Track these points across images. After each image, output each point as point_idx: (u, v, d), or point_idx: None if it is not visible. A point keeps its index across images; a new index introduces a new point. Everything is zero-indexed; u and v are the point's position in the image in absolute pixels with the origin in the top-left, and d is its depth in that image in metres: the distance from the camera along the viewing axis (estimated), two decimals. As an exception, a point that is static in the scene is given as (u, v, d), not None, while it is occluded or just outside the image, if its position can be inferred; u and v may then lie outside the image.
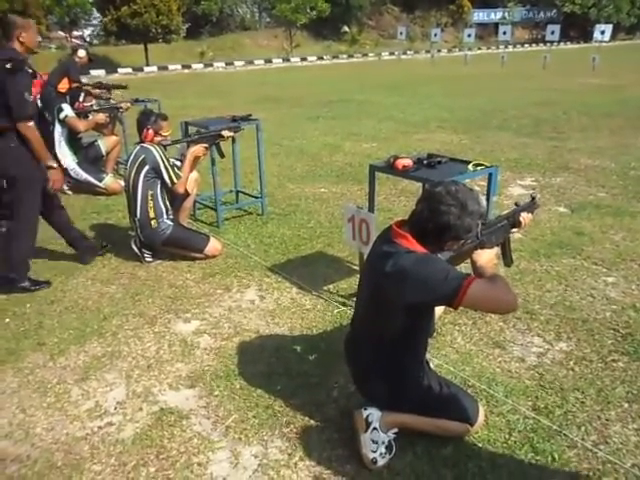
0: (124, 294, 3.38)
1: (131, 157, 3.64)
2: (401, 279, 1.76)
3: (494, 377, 2.48)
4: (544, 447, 2.07)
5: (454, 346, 2.74)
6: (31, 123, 3.09)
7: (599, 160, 6.38)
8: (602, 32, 20.44)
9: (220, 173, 5.42)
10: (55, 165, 3.33)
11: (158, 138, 3.64)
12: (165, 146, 3.67)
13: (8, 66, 2.93)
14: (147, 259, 3.77)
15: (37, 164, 3.20)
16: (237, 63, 25.75)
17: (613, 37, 25.18)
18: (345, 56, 30.11)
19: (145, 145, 3.60)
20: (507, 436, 2.13)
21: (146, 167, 3.53)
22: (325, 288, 3.38)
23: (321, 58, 28.71)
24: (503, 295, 1.78)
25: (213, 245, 3.81)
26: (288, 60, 27.64)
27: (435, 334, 2.74)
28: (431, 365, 2.43)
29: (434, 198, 1.81)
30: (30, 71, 3.10)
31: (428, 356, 2.55)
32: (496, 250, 2.04)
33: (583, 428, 2.17)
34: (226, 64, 25.40)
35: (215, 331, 2.96)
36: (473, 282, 1.71)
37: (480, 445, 2.08)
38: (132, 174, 3.59)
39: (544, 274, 3.52)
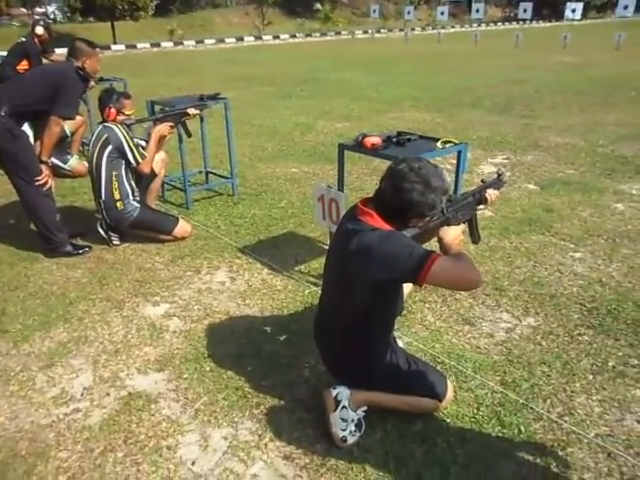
0: (91, 278, 3.30)
1: (93, 137, 3.53)
2: (365, 256, 1.74)
3: (463, 353, 2.51)
4: (511, 420, 2.10)
5: (424, 323, 2.75)
6: (63, 122, 3.37)
7: (568, 138, 6.45)
8: (573, 10, 20.54)
9: (190, 153, 5.34)
10: (49, 163, 3.42)
11: (121, 117, 3.53)
12: (129, 125, 3.56)
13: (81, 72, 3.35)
14: (114, 242, 3.69)
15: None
16: (208, 41, 25.17)
17: (584, 15, 25.37)
18: (318, 34, 29.69)
19: (108, 124, 3.49)
20: (475, 411, 2.15)
21: (109, 147, 3.43)
22: (296, 268, 3.36)
23: (294, 36, 28.26)
24: (467, 273, 1.77)
25: (182, 227, 3.74)
26: (260, 38, 27.13)
27: (405, 312, 2.75)
28: (401, 343, 2.45)
29: (397, 175, 1.79)
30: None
31: (398, 334, 2.57)
32: (462, 227, 2.04)
33: (549, 401, 2.21)
34: (196, 42, 24.81)
35: (185, 314, 2.92)
36: (437, 259, 1.71)
37: (449, 420, 2.10)
38: (95, 154, 3.48)
39: (513, 251, 3.56)
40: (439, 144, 2.73)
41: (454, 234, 1.93)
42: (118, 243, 3.70)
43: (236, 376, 2.40)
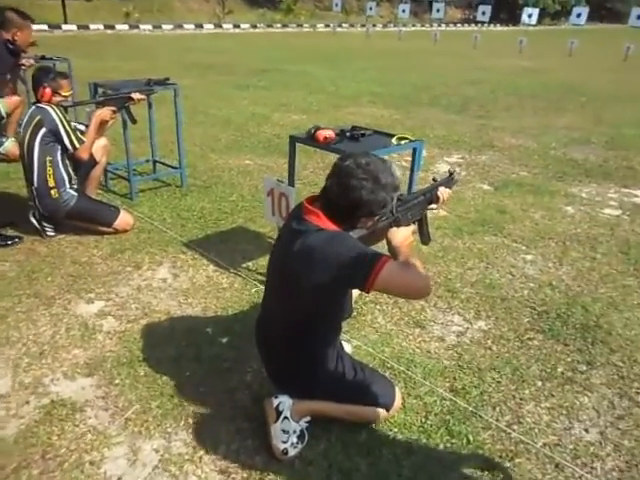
0: (19, 272, 3.04)
1: (26, 118, 3.25)
2: (308, 259, 1.62)
3: (413, 358, 2.42)
4: (460, 429, 2.02)
5: (374, 326, 2.66)
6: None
7: (522, 139, 6.52)
8: (529, 15, 20.99)
9: (138, 141, 5.08)
10: None
11: (57, 98, 3.26)
12: (65, 107, 3.30)
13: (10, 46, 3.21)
14: (48, 233, 3.43)
15: None
16: (165, 27, 24.39)
17: (540, 21, 25.97)
18: (279, 25, 29.29)
19: (42, 105, 3.22)
20: (423, 419, 2.07)
21: (43, 130, 3.16)
22: (244, 265, 3.20)
23: (255, 26, 27.77)
24: (416, 280, 1.66)
25: (124, 218, 3.52)
26: (220, 26, 26.52)
27: (354, 313, 2.65)
28: (348, 348, 2.34)
29: (344, 172, 1.66)
30: None
31: (346, 337, 2.47)
32: (412, 228, 1.93)
33: (498, 408, 2.15)
34: (153, 27, 23.99)
35: (121, 313, 2.72)
36: (386, 264, 1.59)
37: (396, 430, 2.01)
38: (27, 137, 3.21)
39: (466, 252, 3.51)
40: (394, 140, 2.63)
41: (403, 235, 1.82)
42: (52, 234, 3.44)
43: (172, 382, 2.23)
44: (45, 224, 3.40)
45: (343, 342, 2.37)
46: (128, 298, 2.85)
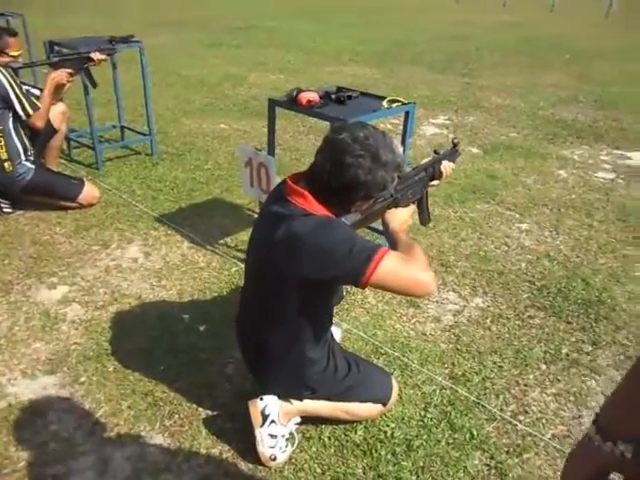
0: (-28, 254, 2.76)
1: (-31, 82, 2.89)
2: (294, 250, 1.39)
3: (408, 342, 2.25)
4: (462, 422, 1.86)
5: (365, 307, 2.47)
6: None
7: (509, 99, 6.27)
8: (511, -32, 20.33)
9: (105, 105, 4.71)
10: None
11: (4, 59, 2.89)
12: (15, 69, 2.94)
13: None
14: (5, 209, 3.12)
15: None
16: (132, -20, 23.10)
17: (520, -26, 25.26)
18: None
19: (-13, 67, 2.87)
20: (423, 412, 1.90)
21: (-11, 95, 2.82)
22: (222, 241, 2.96)
23: (227, -20, 26.52)
24: (419, 275, 1.41)
25: (88, 192, 3.22)
26: (190, -20, 25.24)
27: (344, 293, 2.44)
28: (338, 334, 2.15)
29: (337, 148, 1.40)
30: None
31: (335, 320, 2.27)
32: (412, 208, 1.70)
33: (502, 397, 1.99)
34: (119, -19, 22.70)
35: (87, 298, 2.47)
36: (385, 257, 1.36)
37: (394, 425, 1.84)
38: (-28, 104, 2.86)
39: (458, 221, 3.32)
40: (385, 103, 2.37)
41: (402, 217, 1.60)
42: (10, 211, 3.14)
43: (145, 378, 2.02)
44: (0, 200, 3.09)
45: (333, 328, 2.19)
46: (95, 281, 2.60)
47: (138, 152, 4.18)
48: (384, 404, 1.79)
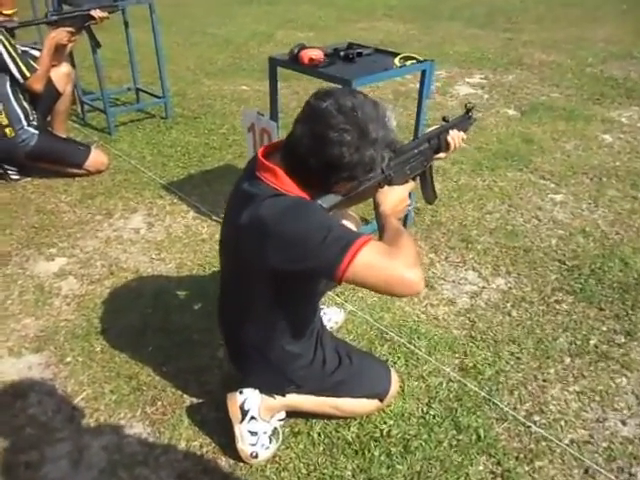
0: (-26, 223, 2.71)
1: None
2: (260, 236, 1.20)
3: (417, 327, 2.05)
4: (469, 422, 1.68)
5: (374, 286, 2.27)
6: None
7: (555, 55, 5.77)
8: None
9: (125, 66, 4.55)
10: None
11: (-1, 18, 2.77)
12: (11, 30, 2.79)
13: None
14: (12, 176, 3.05)
15: None
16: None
17: None
18: None
19: (-19, 27, 2.73)
20: (426, 408, 1.73)
21: (-17, 57, 2.70)
22: (228, 212, 2.80)
23: None
24: (404, 271, 1.17)
25: (96, 158, 3.11)
26: None
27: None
28: (341, 316, 1.99)
29: (320, 118, 1.18)
30: None
31: (341, 300, 2.11)
32: (411, 186, 1.47)
33: (516, 393, 1.79)
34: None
35: (83, 271, 2.38)
36: (364, 247, 1.15)
37: (391, 422, 1.67)
38: (-32, 67, 2.75)
39: (486, 191, 3.05)
40: (397, 61, 2.11)
41: (398, 197, 1.37)
42: (17, 177, 3.07)
43: (132, 359, 1.91)
44: (7, 167, 3.02)
45: (334, 309, 2.03)
46: (94, 253, 2.50)
47: (153, 115, 4.03)
48: (381, 399, 1.63)
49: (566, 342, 1.99)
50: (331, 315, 1.99)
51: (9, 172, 3.04)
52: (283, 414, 1.59)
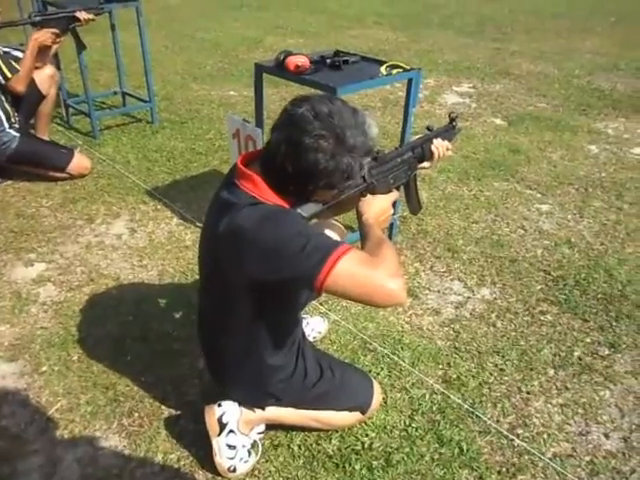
0: (-48, 227, 2.65)
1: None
2: (238, 245, 1.17)
3: (401, 337, 2.03)
4: (451, 435, 1.66)
5: (358, 295, 2.25)
6: None
7: (542, 65, 5.82)
8: None
9: (114, 69, 4.51)
10: None
11: (-19, 18, 2.72)
12: (-7, 30, 2.76)
13: None
14: (-7, 179, 3.00)
15: None
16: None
17: None
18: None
19: (-38, 27, 2.69)
20: (408, 421, 1.70)
21: (-37, 58, 2.66)
22: (212, 219, 2.77)
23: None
24: (386, 281, 1.15)
25: (78, 162, 3.06)
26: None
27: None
28: (324, 325, 1.96)
29: (295, 125, 1.16)
30: None
31: (324, 309, 2.08)
32: (394, 196, 1.46)
33: (499, 406, 1.77)
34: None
35: (63, 278, 2.33)
36: (344, 257, 1.13)
37: (373, 435, 1.65)
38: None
39: (472, 201, 3.04)
40: (383, 69, 2.10)
41: (381, 207, 1.36)
42: (-2, 180, 3.01)
43: (110, 369, 1.87)
44: (-13, 169, 2.96)
45: (317, 319, 2.00)
46: (74, 259, 2.45)
47: (139, 120, 3.99)
48: (363, 412, 1.60)
49: (550, 354, 1.98)
50: (314, 325, 1.97)
51: (-11, 175, 2.99)
52: (263, 427, 1.56)
